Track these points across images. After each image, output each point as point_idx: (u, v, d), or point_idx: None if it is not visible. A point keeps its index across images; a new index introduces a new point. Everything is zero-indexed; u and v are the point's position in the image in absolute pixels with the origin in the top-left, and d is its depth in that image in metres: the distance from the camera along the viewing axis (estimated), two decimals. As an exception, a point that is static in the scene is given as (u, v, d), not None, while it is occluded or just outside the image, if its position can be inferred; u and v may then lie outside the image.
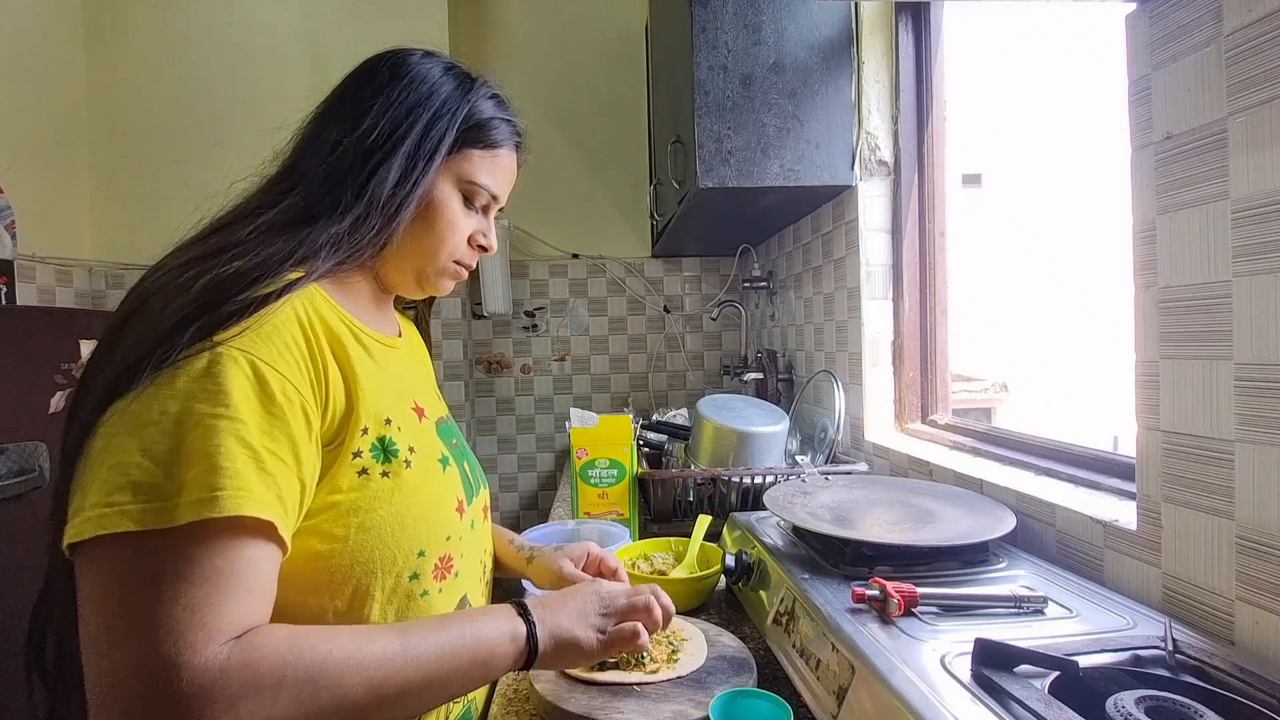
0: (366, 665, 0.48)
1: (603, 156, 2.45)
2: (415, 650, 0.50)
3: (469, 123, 0.66)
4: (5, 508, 1.35)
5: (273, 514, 0.47)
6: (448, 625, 0.54)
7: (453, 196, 0.67)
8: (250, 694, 0.43)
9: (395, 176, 0.61)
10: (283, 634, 0.47)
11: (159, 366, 0.47)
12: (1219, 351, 0.62)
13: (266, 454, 0.48)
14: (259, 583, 0.47)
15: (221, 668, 0.43)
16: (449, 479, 0.66)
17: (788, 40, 1.34)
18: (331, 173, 0.60)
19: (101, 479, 0.45)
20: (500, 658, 0.55)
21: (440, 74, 0.66)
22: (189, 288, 0.51)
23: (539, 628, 0.57)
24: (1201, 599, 0.64)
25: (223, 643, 0.44)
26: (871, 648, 0.57)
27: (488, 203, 0.70)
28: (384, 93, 0.63)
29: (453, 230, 0.67)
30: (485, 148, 0.68)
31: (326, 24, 2.12)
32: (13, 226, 1.81)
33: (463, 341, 2.30)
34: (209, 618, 0.43)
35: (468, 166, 0.67)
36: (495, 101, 0.69)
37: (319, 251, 0.57)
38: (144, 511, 0.43)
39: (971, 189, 7.24)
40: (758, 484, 1.24)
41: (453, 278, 0.72)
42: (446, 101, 0.65)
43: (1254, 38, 0.58)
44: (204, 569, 0.44)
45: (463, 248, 0.69)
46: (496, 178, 0.70)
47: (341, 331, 0.59)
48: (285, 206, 0.59)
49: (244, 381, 0.48)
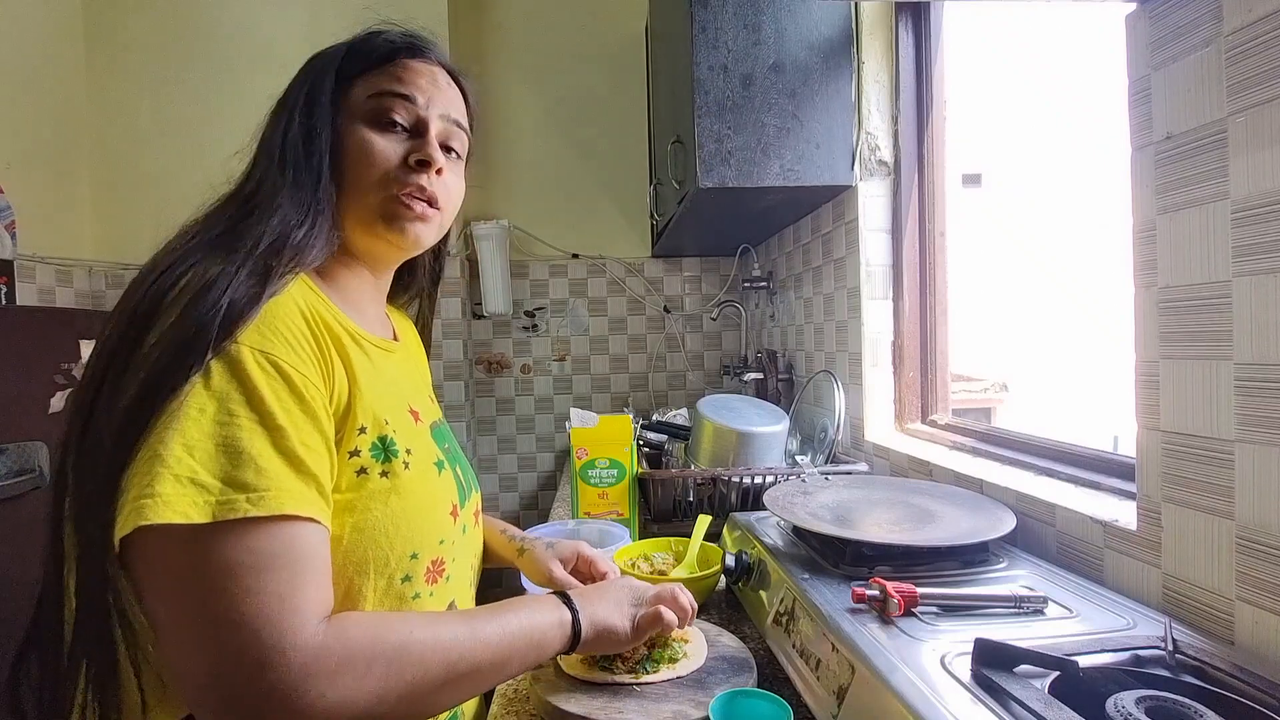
0: (443, 645, 0.52)
1: (603, 156, 2.45)
2: (482, 633, 0.55)
3: (351, 54, 0.65)
4: (5, 508, 1.35)
5: (315, 509, 0.50)
6: (505, 611, 0.59)
7: (358, 127, 0.63)
8: (346, 670, 0.47)
9: (301, 141, 0.61)
10: (368, 617, 0.52)
11: (191, 370, 0.48)
12: (1219, 351, 0.62)
13: (303, 449, 0.50)
14: (323, 566, 0.51)
15: (320, 646, 0.46)
16: (444, 482, 0.66)
17: (788, 40, 1.34)
18: (258, 159, 0.62)
19: (141, 472, 0.45)
20: (551, 641, 0.60)
21: (334, 45, 0.67)
22: (183, 292, 0.50)
23: (581, 615, 0.62)
24: (1201, 599, 0.64)
25: (316, 624, 0.47)
26: (871, 648, 0.57)
27: (415, 117, 0.64)
28: (293, 82, 0.65)
29: (367, 155, 0.62)
30: (378, 63, 0.65)
31: (326, 24, 2.10)
32: (13, 226, 1.81)
33: (463, 341, 2.30)
34: (298, 602, 0.47)
35: (362, 89, 0.64)
36: (392, 30, 0.67)
37: (302, 246, 0.57)
38: (191, 505, 0.44)
39: (971, 189, 7.24)
40: (758, 484, 1.24)
41: (408, 215, 0.63)
42: (330, 52, 0.66)
43: (1254, 38, 0.58)
44: (276, 558, 0.47)
45: (395, 171, 0.62)
46: (404, 82, 0.64)
47: (340, 333, 0.60)
48: (239, 202, 0.60)
49: (272, 381, 0.50)
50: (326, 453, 0.53)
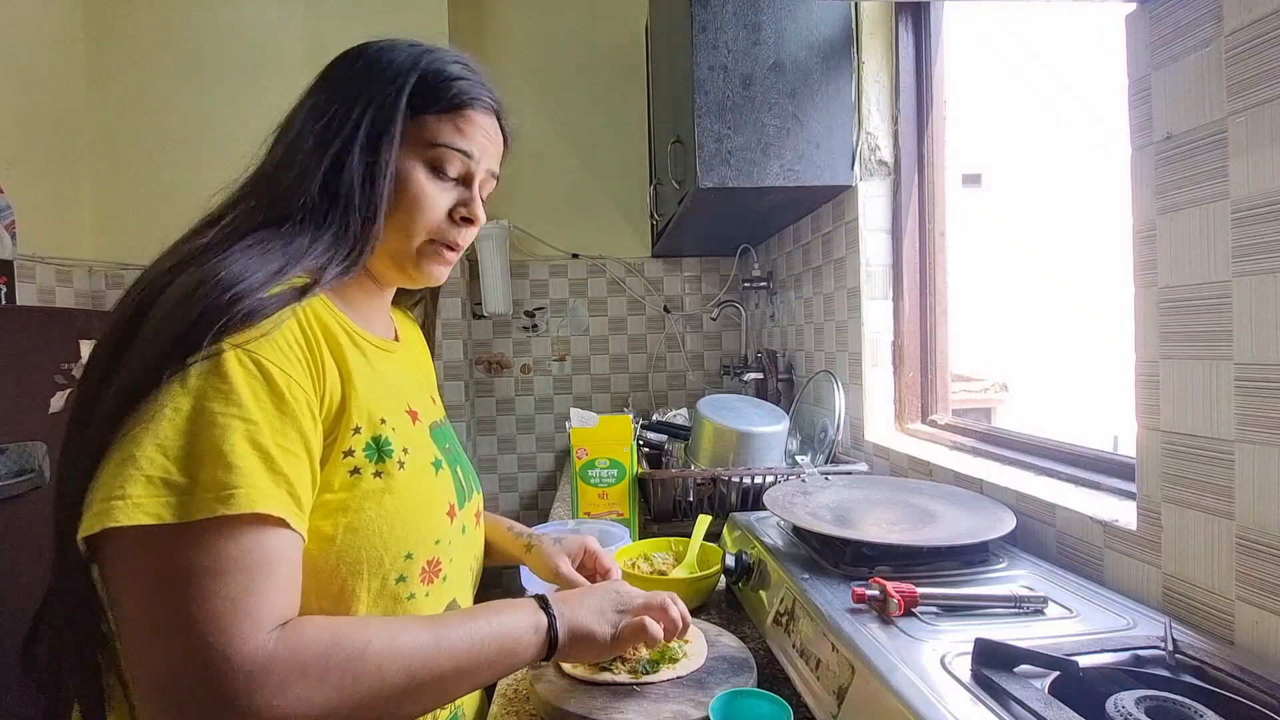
0: (403, 654, 0.50)
1: (603, 156, 2.45)
2: (446, 640, 0.53)
3: (423, 86, 0.62)
4: (5, 508, 1.35)
5: (286, 510, 0.48)
6: (475, 617, 0.57)
7: (416, 168, 0.62)
8: (297, 680, 0.45)
9: (361, 168, 0.59)
10: (323, 624, 0.50)
11: (173, 370, 0.48)
12: (1219, 351, 0.62)
13: (277, 450, 0.49)
14: (288, 572, 0.49)
15: (270, 655, 0.45)
16: (441, 482, 0.66)
17: (788, 40, 1.34)
18: (299, 173, 0.59)
19: (112, 473, 0.45)
20: (525, 647, 0.58)
21: (394, 51, 0.64)
22: (193, 293, 0.50)
23: (559, 621, 0.60)
24: (1201, 599, 0.64)
25: (268, 631, 0.46)
26: (871, 648, 0.57)
27: (466, 170, 0.65)
28: (341, 81, 0.63)
29: (421, 203, 0.62)
30: (445, 109, 0.63)
31: (326, 24, 2.12)
32: (13, 226, 1.81)
33: (462, 341, 2.30)
34: (251, 607, 0.45)
35: (427, 130, 0.62)
36: (460, 65, 0.65)
37: (326, 269, 0.57)
38: (161, 506, 0.44)
39: (971, 189, 7.23)
40: (758, 484, 1.24)
41: (439, 261, 0.67)
42: (397, 70, 0.62)
43: (1254, 38, 0.58)
44: (235, 562, 0.45)
45: (440, 223, 0.64)
46: (466, 137, 0.64)
47: (337, 332, 0.60)
48: (256, 210, 0.58)
49: (252, 380, 0.49)
50: (305, 455, 0.52)
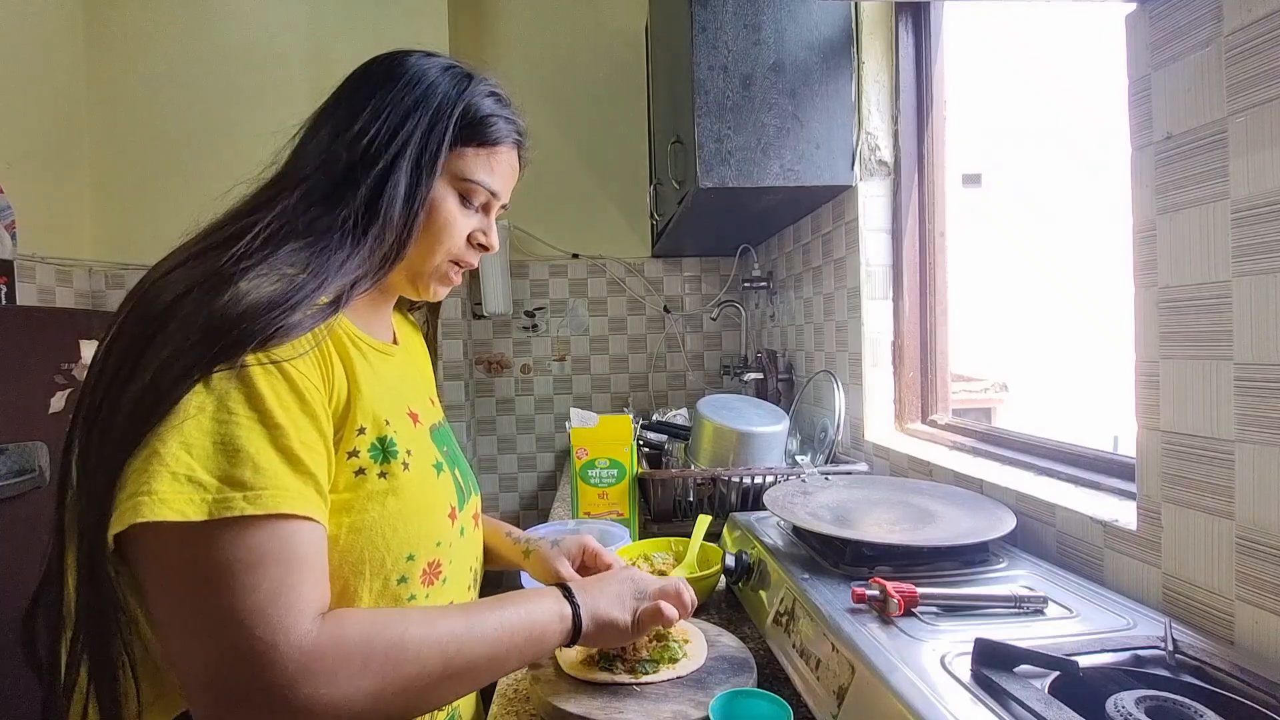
0: (440, 641, 0.52)
1: (603, 156, 2.45)
2: (479, 628, 0.55)
3: (465, 120, 0.65)
4: (5, 508, 1.35)
5: (313, 508, 0.50)
6: (504, 605, 0.59)
7: (449, 196, 0.65)
8: (343, 667, 0.47)
9: (404, 192, 0.60)
10: (361, 613, 0.52)
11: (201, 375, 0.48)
12: (1219, 351, 0.62)
13: (302, 448, 0.50)
14: (320, 565, 0.51)
15: (316, 644, 0.46)
16: (443, 484, 0.66)
17: (788, 40, 1.34)
18: (337, 184, 0.59)
19: (138, 469, 0.45)
20: (551, 634, 0.60)
21: (437, 73, 0.65)
22: (230, 313, 0.49)
23: (582, 609, 0.62)
24: (1201, 599, 0.64)
25: (311, 621, 0.47)
26: (871, 648, 0.57)
27: (487, 201, 0.69)
28: (380, 95, 0.63)
29: (449, 230, 0.66)
30: (482, 145, 0.66)
31: (326, 24, 2.12)
32: (13, 226, 1.81)
33: (463, 341, 2.30)
34: (292, 600, 0.47)
35: (463, 165, 0.66)
36: (494, 99, 0.68)
37: (355, 286, 0.59)
38: (187, 503, 0.45)
39: (971, 189, 7.23)
40: (758, 484, 1.24)
41: (447, 282, 0.71)
42: (443, 101, 0.64)
43: (1254, 38, 0.58)
44: (271, 556, 0.47)
45: (460, 247, 0.68)
46: (495, 175, 0.68)
47: (339, 334, 0.60)
48: (292, 216, 0.57)
49: (274, 380, 0.50)
50: (325, 452, 0.53)
